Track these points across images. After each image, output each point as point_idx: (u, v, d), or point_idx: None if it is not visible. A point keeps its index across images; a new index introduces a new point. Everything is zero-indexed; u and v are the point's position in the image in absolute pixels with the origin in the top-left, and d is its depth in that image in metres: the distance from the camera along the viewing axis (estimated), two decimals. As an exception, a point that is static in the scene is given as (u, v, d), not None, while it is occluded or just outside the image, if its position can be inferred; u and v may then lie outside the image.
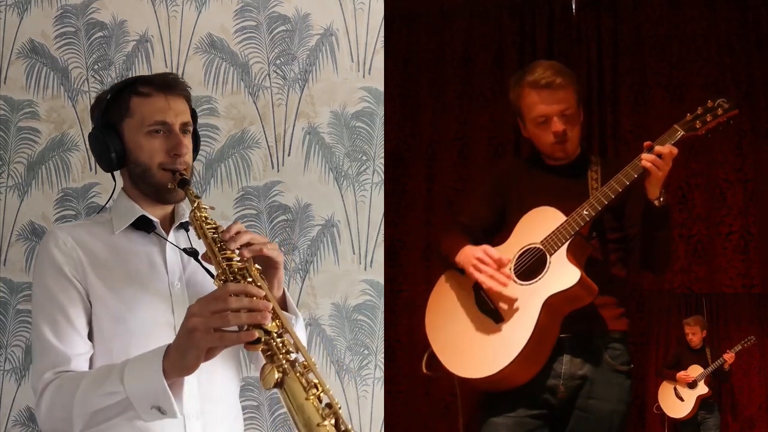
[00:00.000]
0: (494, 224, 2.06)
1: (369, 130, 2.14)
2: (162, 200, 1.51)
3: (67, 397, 1.28)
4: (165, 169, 1.46)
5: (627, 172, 1.80)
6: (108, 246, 1.47)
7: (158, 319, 1.42)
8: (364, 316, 2.09)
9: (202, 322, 1.14)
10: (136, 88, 1.48)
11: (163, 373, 1.18)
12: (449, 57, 3.20)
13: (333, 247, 2.11)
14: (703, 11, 2.98)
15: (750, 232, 2.91)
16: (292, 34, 2.18)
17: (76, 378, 1.31)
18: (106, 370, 1.27)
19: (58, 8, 2.24)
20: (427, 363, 1.97)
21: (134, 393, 1.21)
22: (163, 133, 1.46)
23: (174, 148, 1.45)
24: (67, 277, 1.41)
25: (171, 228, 1.54)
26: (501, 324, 1.86)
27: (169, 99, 1.47)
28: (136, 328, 1.40)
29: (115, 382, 1.22)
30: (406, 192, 3.19)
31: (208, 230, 1.35)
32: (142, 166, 1.47)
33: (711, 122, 1.78)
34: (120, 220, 1.50)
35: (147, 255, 1.49)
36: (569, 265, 1.81)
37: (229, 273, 1.26)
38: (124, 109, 1.48)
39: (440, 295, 2.02)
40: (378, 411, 2.07)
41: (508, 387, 1.85)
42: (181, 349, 1.17)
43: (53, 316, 1.39)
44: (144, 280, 1.45)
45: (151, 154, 1.46)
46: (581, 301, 1.83)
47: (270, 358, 1.12)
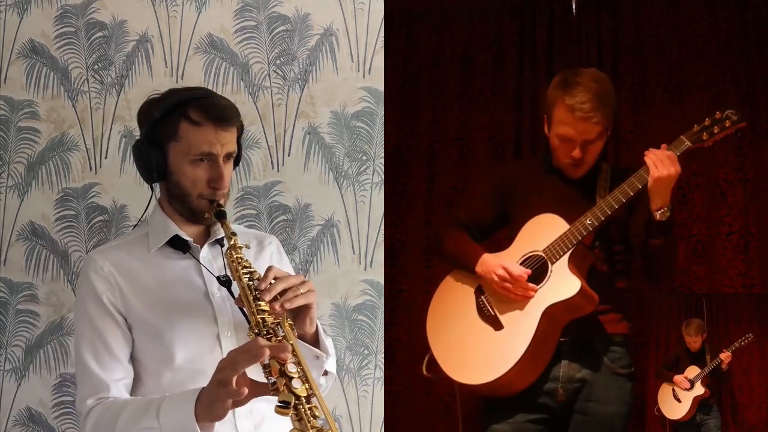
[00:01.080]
0: (492, 224, 2.05)
1: (369, 130, 2.14)
2: (196, 222, 1.55)
3: (109, 426, 1.35)
4: (204, 198, 1.49)
5: (632, 183, 1.79)
6: (145, 264, 1.51)
7: (201, 329, 1.45)
8: (364, 316, 2.09)
9: (232, 377, 1.17)
10: (187, 112, 1.45)
11: (195, 416, 1.23)
12: (449, 57, 3.20)
13: (333, 247, 2.11)
14: (703, 11, 2.98)
15: (750, 232, 2.91)
16: (292, 34, 2.18)
17: (117, 407, 1.38)
18: (146, 404, 1.33)
19: (58, 8, 2.24)
20: (427, 366, 1.97)
21: (168, 430, 1.27)
22: (207, 162, 1.47)
23: (215, 180, 1.47)
24: (104, 305, 1.47)
25: (205, 243, 1.56)
26: (500, 331, 1.87)
27: (218, 131, 1.46)
28: (177, 341, 1.44)
29: (152, 418, 1.29)
30: (406, 192, 3.19)
31: (243, 274, 1.37)
32: (182, 190, 1.49)
33: (718, 134, 1.76)
34: (156, 238, 1.54)
35: (183, 270, 1.52)
36: (570, 274, 1.80)
37: (263, 327, 1.28)
38: (171, 131, 1.47)
39: (442, 298, 2.02)
40: (378, 411, 2.07)
41: (507, 393, 1.86)
42: (210, 399, 1.22)
43: (93, 342, 1.45)
44: (181, 294, 1.49)
45: (194, 182, 1.48)
46: (582, 311, 1.82)
47: (299, 422, 1.15)
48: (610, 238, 1.91)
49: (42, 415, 2.12)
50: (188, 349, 1.44)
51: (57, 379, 2.13)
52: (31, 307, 2.16)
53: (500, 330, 1.87)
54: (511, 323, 1.85)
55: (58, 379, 2.13)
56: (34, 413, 2.12)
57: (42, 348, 2.14)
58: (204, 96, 1.50)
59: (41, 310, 2.16)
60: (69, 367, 2.13)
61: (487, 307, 1.91)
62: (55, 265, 2.17)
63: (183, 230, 1.54)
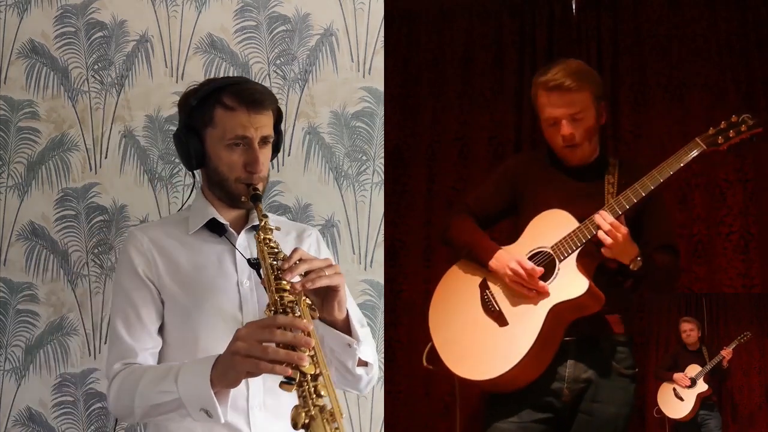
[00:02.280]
0: (500, 213, 2.04)
1: (369, 130, 2.14)
2: (235, 207, 1.58)
3: (131, 389, 1.40)
4: (241, 183, 1.51)
5: (644, 183, 1.77)
6: (182, 245, 1.56)
7: (226, 315, 1.49)
8: (364, 315, 2.09)
9: (244, 348, 1.20)
10: (221, 98, 1.50)
11: (211, 382, 1.26)
12: (449, 57, 3.20)
13: (333, 247, 2.11)
14: (703, 11, 2.98)
15: (750, 232, 2.91)
16: (292, 34, 2.18)
17: (139, 372, 1.42)
18: (165, 370, 1.37)
19: (58, 8, 2.24)
20: (428, 356, 1.96)
21: (186, 395, 1.30)
22: (242, 146, 1.50)
23: (251, 164, 1.50)
24: (140, 278, 1.52)
25: (242, 229, 1.59)
26: (505, 327, 1.86)
27: (251, 115, 1.49)
28: (202, 323, 1.48)
29: (170, 382, 1.33)
30: (406, 192, 3.18)
31: (268, 254, 1.38)
32: (220, 175, 1.53)
33: (734, 138, 1.73)
34: (195, 221, 1.58)
35: (218, 255, 1.55)
36: (578, 273, 1.80)
37: (279, 305, 1.29)
38: (207, 117, 1.51)
39: (447, 288, 2.00)
40: (378, 411, 2.07)
41: (509, 389, 1.85)
42: (224, 367, 1.25)
43: (126, 312, 1.51)
44: (213, 278, 1.53)
45: (230, 166, 1.51)
46: (588, 310, 1.81)
47: (302, 400, 1.15)
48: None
49: (42, 415, 2.12)
50: (212, 332, 1.47)
51: (57, 379, 2.13)
52: (31, 307, 2.16)
53: (505, 326, 1.85)
54: (516, 320, 1.84)
55: (58, 379, 2.13)
56: (34, 413, 2.12)
57: (42, 348, 2.14)
58: (238, 82, 1.54)
59: (41, 310, 2.16)
60: (69, 367, 2.13)
61: (492, 302, 1.89)
62: (55, 265, 2.17)
63: (222, 215, 1.58)
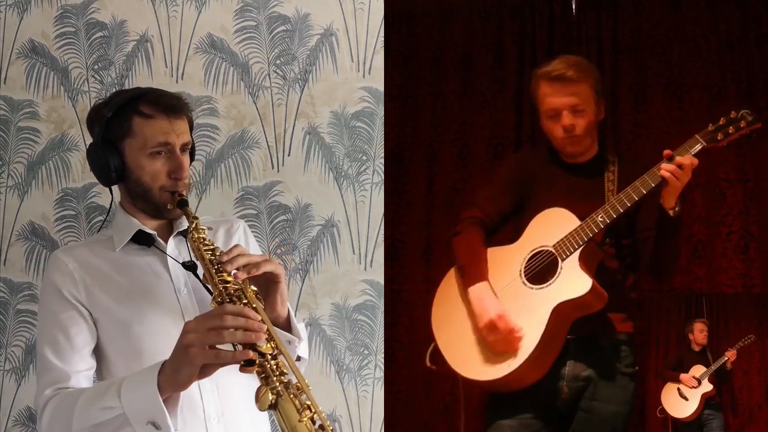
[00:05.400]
0: (510, 213, 2.03)
1: (369, 130, 2.14)
2: (160, 217, 1.54)
3: (67, 412, 1.31)
4: (166, 191, 1.49)
5: (645, 181, 1.76)
6: (110, 262, 1.50)
7: (168, 326, 1.43)
8: (364, 316, 2.09)
9: (197, 339, 1.16)
10: (138, 107, 1.47)
11: (159, 388, 1.21)
12: (449, 57, 3.20)
13: (333, 247, 2.11)
14: (703, 11, 2.98)
15: (750, 232, 2.91)
16: (292, 34, 2.18)
17: (75, 393, 1.35)
18: (106, 386, 1.31)
19: (58, 8, 2.24)
20: (431, 357, 1.95)
21: (130, 408, 1.23)
22: (164, 154, 1.48)
23: (176, 171, 1.48)
24: (66, 299, 1.45)
25: (169, 237, 1.55)
26: None
27: (171, 121, 1.48)
28: (144, 334, 1.43)
29: (113, 397, 1.26)
30: (406, 192, 3.18)
31: (205, 252, 1.37)
32: (143, 186, 1.49)
33: (733, 134, 1.73)
34: (120, 237, 1.53)
35: (150, 265, 1.51)
36: (581, 272, 1.79)
37: (225, 295, 1.27)
38: (125, 128, 1.48)
39: (449, 288, 1.99)
40: (378, 411, 2.07)
41: (513, 389, 1.85)
42: (175, 365, 1.20)
43: (54, 336, 1.43)
44: (149, 289, 1.48)
45: (153, 175, 1.48)
46: (591, 309, 1.81)
47: (265, 380, 1.13)
48: (619, 233, 1.90)
49: (42, 415, 2.12)
50: (156, 343, 1.42)
51: (57, 379, 2.13)
52: (31, 307, 2.16)
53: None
54: (520, 320, 1.83)
55: (58, 379, 2.13)
56: (34, 413, 2.12)
57: (42, 348, 2.14)
58: (151, 91, 1.52)
59: (41, 310, 2.16)
60: (69, 367, 2.13)
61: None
62: (55, 265, 2.17)
63: (146, 226, 1.54)
